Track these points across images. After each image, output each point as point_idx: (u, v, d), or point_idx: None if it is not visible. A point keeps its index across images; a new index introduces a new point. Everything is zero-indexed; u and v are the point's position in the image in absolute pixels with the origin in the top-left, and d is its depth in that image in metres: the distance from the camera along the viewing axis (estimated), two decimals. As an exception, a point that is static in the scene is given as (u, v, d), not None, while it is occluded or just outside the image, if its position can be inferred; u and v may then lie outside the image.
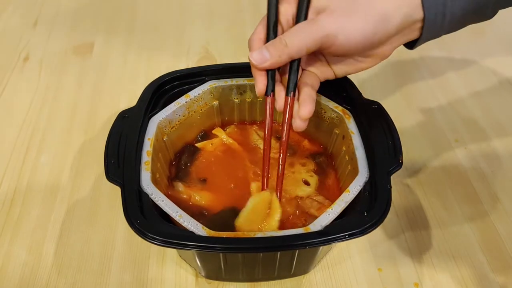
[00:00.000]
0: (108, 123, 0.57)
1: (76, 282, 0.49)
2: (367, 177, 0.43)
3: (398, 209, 0.56)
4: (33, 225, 0.54)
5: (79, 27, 0.85)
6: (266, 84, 0.43)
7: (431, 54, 0.78)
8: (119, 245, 0.52)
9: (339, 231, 0.38)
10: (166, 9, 0.89)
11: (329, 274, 0.50)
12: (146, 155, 0.44)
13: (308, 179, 0.50)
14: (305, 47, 0.39)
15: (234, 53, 0.78)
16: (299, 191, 0.48)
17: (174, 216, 0.40)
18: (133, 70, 0.76)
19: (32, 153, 0.62)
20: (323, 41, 0.39)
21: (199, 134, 0.54)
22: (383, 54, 0.43)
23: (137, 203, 0.39)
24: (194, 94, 0.51)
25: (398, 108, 0.69)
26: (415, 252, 0.52)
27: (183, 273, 0.50)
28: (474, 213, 0.55)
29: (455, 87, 0.73)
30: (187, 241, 0.37)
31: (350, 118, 0.48)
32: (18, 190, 0.58)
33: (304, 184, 0.49)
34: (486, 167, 0.60)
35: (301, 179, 0.50)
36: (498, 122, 0.66)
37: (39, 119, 0.67)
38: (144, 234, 0.37)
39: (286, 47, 0.39)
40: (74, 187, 0.58)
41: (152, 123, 0.48)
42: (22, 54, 0.79)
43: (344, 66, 0.45)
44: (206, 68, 0.53)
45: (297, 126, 0.42)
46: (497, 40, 0.81)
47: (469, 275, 0.50)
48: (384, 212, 0.39)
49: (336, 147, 0.51)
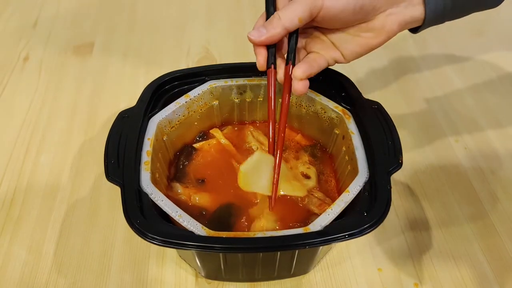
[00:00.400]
0: (108, 123, 0.57)
1: (76, 282, 0.49)
2: (367, 177, 0.43)
3: (398, 209, 0.56)
4: (33, 225, 0.54)
5: (79, 27, 0.85)
6: (266, 58, 0.44)
7: (431, 54, 0.78)
8: (119, 245, 0.52)
9: (339, 231, 0.38)
10: (166, 9, 0.89)
11: (329, 274, 0.50)
12: (146, 155, 0.44)
13: (306, 171, 0.50)
14: (296, 17, 0.41)
15: (235, 53, 0.78)
16: (302, 187, 0.48)
17: (173, 216, 0.40)
18: (133, 70, 0.76)
19: (32, 153, 0.62)
20: (312, 7, 0.40)
21: (199, 135, 0.55)
22: (385, 28, 0.44)
23: (137, 203, 0.40)
24: (194, 94, 0.51)
25: (398, 108, 0.69)
26: (415, 252, 0.52)
27: (183, 273, 0.50)
28: (474, 213, 0.55)
29: (456, 87, 0.73)
30: (186, 241, 0.37)
31: (350, 118, 0.48)
32: (18, 190, 0.58)
33: (304, 178, 0.49)
34: (486, 167, 0.60)
35: (299, 173, 0.50)
36: (498, 122, 0.66)
37: (39, 119, 0.67)
38: (143, 234, 0.37)
39: (279, 19, 0.41)
40: (74, 187, 0.58)
41: (152, 123, 0.48)
42: (22, 54, 0.79)
43: (349, 45, 0.45)
44: (206, 68, 0.53)
45: (295, 89, 0.43)
46: (498, 40, 0.81)
47: (469, 275, 0.50)
48: (384, 212, 0.39)
49: (336, 147, 0.51)
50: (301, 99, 0.52)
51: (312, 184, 0.49)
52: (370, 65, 0.76)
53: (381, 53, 0.78)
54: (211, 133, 0.55)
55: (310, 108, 0.52)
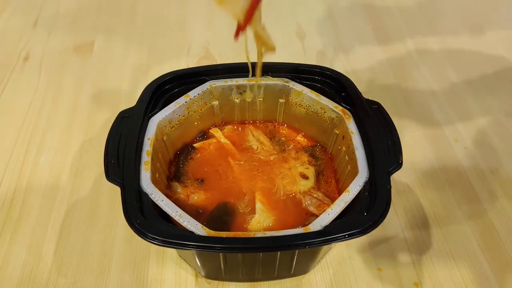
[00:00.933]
0: (108, 123, 0.57)
1: (76, 282, 0.49)
2: (367, 177, 0.43)
3: (398, 209, 0.56)
4: (33, 225, 0.54)
5: (79, 26, 0.85)
6: None
7: (431, 54, 0.78)
8: (119, 245, 0.52)
9: (339, 231, 0.38)
10: (167, 9, 0.89)
11: (329, 274, 0.50)
12: (146, 155, 0.44)
13: (304, 171, 0.50)
14: None
15: (235, 53, 0.78)
16: (300, 186, 0.48)
17: (173, 216, 0.40)
18: (134, 69, 0.76)
19: (32, 153, 0.62)
20: None
21: (199, 134, 0.55)
22: None
23: (137, 203, 0.40)
24: (194, 94, 0.51)
25: (398, 108, 0.69)
26: (415, 252, 0.52)
27: (183, 273, 0.50)
28: (473, 213, 0.55)
29: (455, 86, 0.73)
30: (187, 241, 0.37)
31: (350, 118, 0.48)
32: (18, 190, 0.58)
33: (302, 178, 0.49)
34: (486, 167, 0.60)
35: (297, 173, 0.50)
36: (498, 122, 0.67)
37: (39, 119, 0.67)
38: (144, 234, 0.37)
39: None
40: (74, 187, 0.58)
41: (152, 123, 0.48)
42: (22, 54, 0.79)
43: None
44: (206, 68, 0.53)
45: None
46: (498, 39, 0.81)
47: (469, 275, 0.50)
48: (384, 212, 0.39)
49: (336, 147, 0.51)
50: (301, 99, 0.52)
51: (310, 184, 0.49)
52: (370, 65, 0.76)
53: (381, 53, 0.78)
54: (211, 133, 0.55)
55: (310, 108, 0.52)
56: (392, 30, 0.83)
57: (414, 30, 0.83)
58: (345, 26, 0.84)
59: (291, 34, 0.82)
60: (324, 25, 0.85)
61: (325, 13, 0.88)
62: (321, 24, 0.85)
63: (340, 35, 0.82)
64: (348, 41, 0.81)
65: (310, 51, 0.79)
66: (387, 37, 0.82)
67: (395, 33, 0.83)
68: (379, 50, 0.79)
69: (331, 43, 0.80)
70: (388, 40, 0.81)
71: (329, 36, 0.82)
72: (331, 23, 0.85)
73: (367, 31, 0.83)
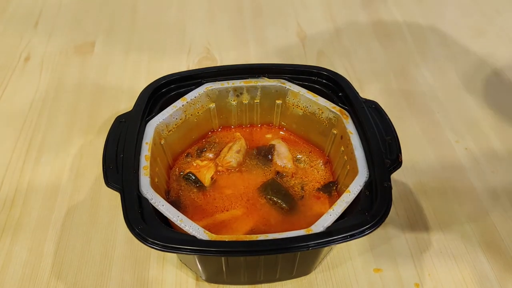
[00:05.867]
0: (108, 123, 0.57)
1: (77, 282, 0.49)
2: (367, 177, 0.43)
3: (398, 209, 0.56)
4: (34, 226, 0.54)
5: (80, 27, 0.85)
6: None
7: (431, 54, 0.78)
8: (119, 246, 0.52)
9: (340, 232, 0.38)
10: (167, 9, 0.89)
11: (330, 275, 0.50)
12: (145, 159, 0.44)
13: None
14: None
15: (235, 53, 0.78)
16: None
17: (175, 220, 0.39)
18: (134, 69, 0.76)
19: (32, 154, 0.62)
20: None
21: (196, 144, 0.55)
22: None
23: (137, 208, 0.39)
24: (190, 97, 0.51)
25: (398, 108, 0.68)
26: (415, 252, 0.52)
27: (184, 275, 0.50)
28: (474, 213, 0.55)
29: (456, 86, 0.72)
30: (189, 246, 0.37)
31: (348, 118, 0.48)
32: (19, 190, 0.58)
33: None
34: (487, 167, 0.60)
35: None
36: (498, 122, 0.66)
37: (39, 120, 0.67)
38: (145, 240, 0.37)
39: None
40: (75, 188, 0.58)
41: (149, 127, 0.47)
42: (23, 54, 0.79)
43: None
44: (202, 71, 0.53)
45: None
46: (498, 39, 0.81)
47: (470, 275, 0.50)
48: (385, 212, 0.39)
49: (335, 147, 0.51)
50: (299, 100, 0.52)
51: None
52: (370, 65, 0.76)
53: (381, 52, 0.78)
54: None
55: (308, 109, 0.52)
56: (393, 30, 0.83)
57: (415, 30, 0.83)
58: (345, 26, 0.84)
59: (291, 34, 0.82)
60: (325, 25, 0.85)
61: (325, 13, 0.88)
62: (322, 24, 0.85)
63: (340, 35, 0.82)
64: (348, 41, 0.81)
65: (311, 51, 0.79)
66: (387, 37, 0.82)
67: (396, 33, 0.83)
68: (379, 49, 0.79)
69: (331, 43, 0.80)
70: (388, 40, 0.81)
71: (330, 36, 0.82)
72: (331, 23, 0.85)
73: (367, 31, 0.83)
